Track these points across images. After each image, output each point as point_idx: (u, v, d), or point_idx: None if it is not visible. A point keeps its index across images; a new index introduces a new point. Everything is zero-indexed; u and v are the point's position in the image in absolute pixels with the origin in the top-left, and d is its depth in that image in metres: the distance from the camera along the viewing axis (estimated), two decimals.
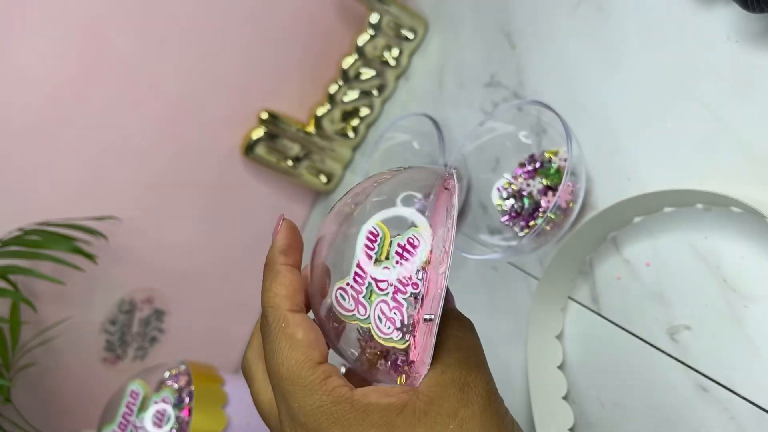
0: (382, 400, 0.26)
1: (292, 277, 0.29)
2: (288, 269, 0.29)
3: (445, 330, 0.28)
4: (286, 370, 0.26)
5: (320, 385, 0.26)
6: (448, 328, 0.28)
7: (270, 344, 0.27)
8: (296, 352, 0.26)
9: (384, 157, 0.66)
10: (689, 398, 0.38)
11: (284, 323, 0.27)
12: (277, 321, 0.28)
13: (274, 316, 0.28)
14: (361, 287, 0.28)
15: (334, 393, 0.26)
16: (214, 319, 0.81)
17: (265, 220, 0.81)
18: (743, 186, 0.38)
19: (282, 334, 0.27)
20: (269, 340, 0.27)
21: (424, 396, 0.26)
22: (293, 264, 0.30)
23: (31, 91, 0.62)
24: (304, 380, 0.26)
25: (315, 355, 0.27)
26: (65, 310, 0.68)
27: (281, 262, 0.30)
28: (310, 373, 0.26)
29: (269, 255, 0.30)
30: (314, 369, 0.26)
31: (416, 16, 0.73)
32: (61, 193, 0.66)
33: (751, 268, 0.37)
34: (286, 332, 0.27)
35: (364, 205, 0.30)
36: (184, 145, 0.72)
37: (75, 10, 0.62)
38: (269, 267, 0.30)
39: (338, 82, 0.74)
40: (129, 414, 0.56)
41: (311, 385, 0.26)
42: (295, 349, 0.27)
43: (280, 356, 0.27)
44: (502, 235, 0.52)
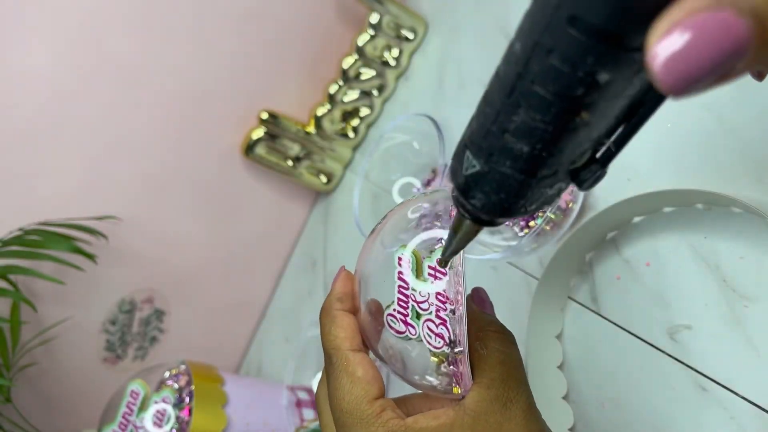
0: (431, 423, 0.28)
1: (348, 320, 0.32)
2: (344, 314, 0.32)
3: (490, 344, 0.30)
4: (347, 404, 0.29)
5: (376, 418, 0.28)
6: (493, 341, 0.30)
7: (333, 381, 0.30)
8: (356, 388, 0.29)
9: (384, 157, 0.66)
10: (689, 398, 0.38)
11: (346, 362, 0.30)
12: (340, 360, 0.30)
13: (337, 357, 0.30)
14: (406, 310, 0.31)
15: (388, 425, 0.28)
16: (214, 319, 0.81)
17: (265, 220, 0.81)
18: (743, 186, 0.38)
19: (344, 372, 0.30)
20: (333, 377, 0.30)
21: (471, 411, 0.28)
22: (349, 309, 0.32)
23: (31, 91, 0.62)
24: (362, 413, 0.29)
25: (373, 390, 0.29)
26: (65, 310, 0.68)
27: (337, 308, 0.32)
28: (368, 407, 0.29)
29: (327, 302, 0.33)
30: (372, 403, 0.29)
31: (416, 16, 0.73)
32: (61, 193, 0.66)
33: (750, 268, 0.37)
34: (348, 370, 0.30)
35: (394, 234, 0.32)
36: (184, 145, 0.72)
37: (75, 10, 0.62)
38: (327, 312, 0.32)
39: (338, 82, 0.74)
40: (129, 414, 0.56)
41: (368, 418, 0.28)
42: (355, 385, 0.29)
43: (342, 391, 0.29)
44: (502, 235, 0.52)
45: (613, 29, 0.16)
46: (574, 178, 0.22)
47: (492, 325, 0.32)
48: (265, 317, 0.84)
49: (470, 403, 0.28)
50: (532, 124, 0.19)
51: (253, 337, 0.85)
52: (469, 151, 0.22)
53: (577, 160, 0.21)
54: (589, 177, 0.22)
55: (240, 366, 0.85)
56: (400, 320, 0.31)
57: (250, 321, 0.84)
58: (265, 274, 0.83)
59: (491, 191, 0.22)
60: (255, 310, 0.84)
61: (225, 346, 0.83)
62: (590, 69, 0.17)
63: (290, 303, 0.81)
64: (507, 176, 0.21)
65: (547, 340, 0.46)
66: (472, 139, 0.22)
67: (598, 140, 0.21)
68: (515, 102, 0.19)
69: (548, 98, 0.18)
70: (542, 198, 0.22)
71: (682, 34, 0.15)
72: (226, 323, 0.82)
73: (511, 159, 0.20)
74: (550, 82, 0.18)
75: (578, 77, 0.17)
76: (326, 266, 0.77)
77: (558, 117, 0.19)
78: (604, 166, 0.22)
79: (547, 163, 0.20)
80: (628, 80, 0.18)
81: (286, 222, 0.83)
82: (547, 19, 0.17)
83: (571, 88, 0.18)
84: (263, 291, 0.84)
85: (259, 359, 0.82)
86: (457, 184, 0.23)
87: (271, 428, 0.61)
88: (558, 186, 0.22)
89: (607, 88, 0.17)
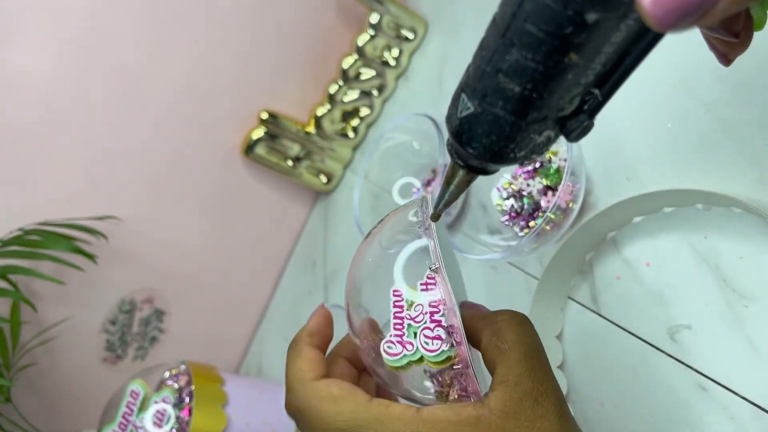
0: (452, 417, 0.26)
1: (314, 354, 0.31)
2: (311, 348, 0.31)
3: (508, 335, 0.28)
4: (344, 423, 0.27)
5: (386, 416, 0.26)
6: (510, 332, 0.28)
7: (310, 415, 0.28)
8: (343, 404, 0.27)
9: (384, 157, 0.66)
10: (689, 398, 0.38)
11: (314, 390, 0.28)
12: (307, 391, 0.29)
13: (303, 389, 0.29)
14: (401, 330, 0.30)
15: (402, 416, 0.26)
16: (214, 319, 0.81)
17: (265, 220, 0.81)
18: (743, 186, 0.38)
19: (318, 400, 0.28)
20: (306, 412, 0.28)
21: (498, 411, 0.26)
22: (317, 346, 0.31)
23: (32, 91, 0.62)
24: (368, 418, 0.27)
25: (360, 397, 0.28)
26: (65, 310, 0.68)
27: (306, 342, 0.31)
28: (371, 410, 0.27)
29: (297, 335, 0.32)
30: (370, 406, 0.27)
31: (416, 16, 0.73)
32: (61, 193, 0.66)
33: (750, 268, 0.37)
34: (322, 396, 0.28)
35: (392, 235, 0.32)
36: (184, 145, 0.72)
37: (75, 10, 0.62)
38: (294, 345, 0.31)
39: (338, 82, 0.74)
40: (129, 414, 0.56)
41: (378, 418, 0.26)
42: (340, 403, 0.27)
43: (330, 417, 0.27)
44: (502, 235, 0.52)
45: None
46: (563, 127, 0.23)
47: (502, 314, 0.30)
48: (265, 317, 0.84)
49: (497, 403, 0.26)
50: (523, 63, 0.20)
51: (253, 337, 0.85)
52: (465, 93, 0.23)
53: (565, 107, 0.22)
54: (577, 127, 0.23)
55: (240, 366, 0.85)
56: (397, 343, 0.30)
57: (250, 321, 0.84)
58: (265, 274, 0.83)
59: (483, 134, 0.23)
60: (255, 310, 0.84)
61: (225, 346, 0.83)
62: (579, 8, 0.18)
63: (290, 303, 0.81)
64: (498, 117, 0.22)
65: (547, 340, 0.46)
66: (467, 83, 0.23)
67: (586, 88, 0.22)
68: (509, 41, 0.20)
69: (539, 36, 0.19)
70: (531, 144, 0.23)
71: None
72: (226, 323, 0.82)
73: (503, 100, 0.22)
74: (542, 20, 0.19)
75: (568, 15, 0.18)
76: (326, 266, 0.77)
77: (548, 56, 0.20)
78: (591, 117, 0.23)
79: (536, 105, 0.21)
80: (615, 23, 0.19)
81: (286, 222, 0.83)
82: None
83: (561, 26, 0.19)
84: (263, 291, 0.84)
85: (259, 359, 0.82)
86: (451, 129, 0.24)
87: (271, 428, 0.61)
88: (547, 134, 0.23)
89: (594, 28, 0.19)
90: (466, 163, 0.25)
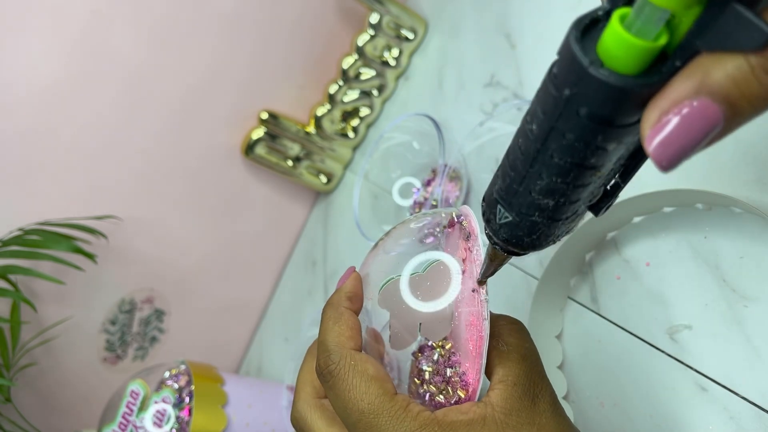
0: (462, 417, 0.27)
1: (353, 321, 0.31)
2: (351, 313, 0.31)
3: (508, 339, 0.30)
4: (367, 405, 0.27)
5: (405, 413, 0.27)
6: (510, 336, 0.30)
7: (342, 382, 0.28)
8: (373, 387, 0.28)
9: (384, 157, 0.66)
10: (689, 398, 0.38)
11: (353, 360, 0.29)
12: (345, 359, 0.29)
13: (342, 354, 0.29)
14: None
15: (419, 417, 0.27)
16: (214, 319, 0.81)
17: (265, 220, 0.81)
18: (743, 186, 0.38)
19: (353, 371, 0.28)
20: (340, 378, 0.28)
21: (501, 408, 0.27)
22: (356, 311, 0.32)
23: (32, 91, 0.62)
24: (389, 411, 0.27)
25: (389, 386, 0.28)
26: (65, 310, 0.68)
27: (346, 306, 0.31)
28: (393, 404, 0.27)
29: (335, 298, 0.32)
30: (394, 399, 0.28)
31: (416, 16, 0.73)
32: (61, 193, 0.66)
33: (750, 268, 0.37)
34: (358, 369, 0.28)
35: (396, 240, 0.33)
36: (184, 145, 0.72)
37: (75, 9, 0.62)
38: (333, 308, 0.31)
39: (338, 82, 0.74)
40: (129, 414, 0.56)
41: (397, 414, 0.27)
42: (371, 384, 0.28)
43: (357, 392, 0.28)
44: None
45: (617, 117, 0.20)
46: (591, 209, 0.26)
47: (502, 319, 0.31)
48: (265, 317, 0.84)
49: (499, 401, 0.28)
50: (554, 186, 0.23)
51: (253, 337, 0.85)
52: (500, 205, 0.26)
53: (593, 199, 0.25)
54: (603, 206, 0.26)
55: (240, 366, 0.85)
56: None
57: (250, 321, 0.84)
58: (265, 274, 0.83)
59: (524, 234, 0.26)
60: (255, 310, 0.84)
61: (225, 346, 0.83)
62: (599, 144, 0.21)
63: (290, 303, 0.81)
64: (536, 223, 0.25)
65: (547, 340, 0.46)
66: (501, 195, 0.25)
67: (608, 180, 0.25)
68: (538, 171, 0.23)
69: (566, 167, 0.22)
70: (567, 230, 0.26)
71: (669, 122, 0.18)
72: (226, 323, 0.82)
73: (539, 210, 0.24)
74: (568, 155, 0.21)
75: (590, 150, 0.21)
76: (326, 266, 0.77)
77: (576, 178, 0.22)
78: (613, 196, 0.25)
79: (569, 209, 0.24)
80: (630, 141, 0.21)
81: (286, 222, 0.83)
82: (560, 109, 0.20)
83: (586, 158, 0.21)
84: (263, 291, 0.84)
85: (259, 359, 0.82)
86: (492, 230, 0.27)
87: (271, 428, 0.61)
88: (579, 218, 0.26)
89: (614, 152, 0.21)
90: (508, 251, 0.28)
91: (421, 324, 0.30)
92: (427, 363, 0.31)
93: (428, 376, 0.31)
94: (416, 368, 0.31)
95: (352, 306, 0.31)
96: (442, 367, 0.30)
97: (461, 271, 0.31)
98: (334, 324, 0.30)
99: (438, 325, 0.30)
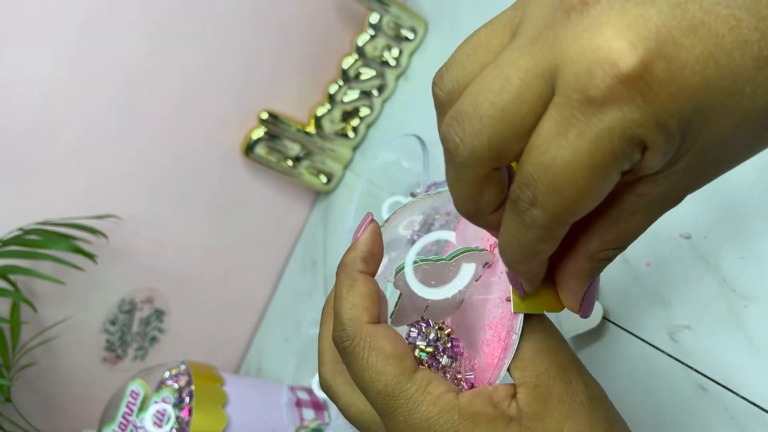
0: (489, 410, 0.24)
1: (370, 287, 0.27)
2: (366, 278, 0.27)
3: (533, 334, 0.26)
4: (383, 386, 0.25)
5: (424, 396, 0.24)
6: (534, 331, 0.26)
7: (357, 360, 0.26)
8: (389, 366, 0.25)
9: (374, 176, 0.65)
10: (689, 398, 0.38)
11: (369, 337, 0.26)
12: (360, 334, 0.26)
13: (356, 330, 0.26)
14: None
15: (439, 402, 0.24)
16: (214, 319, 0.81)
17: (265, 220, 0.81)
18: (743, 186, 0.38)
19: (368, 349, 0.26)
20: (354, 355, 0.26)
21: (528, 413, 0.24)
22: (371, 273, 0.28)
23: (31, 91, 0.62)
24: (406, 393, 0.25)
25: (409, 364, 0.25)
26: (65, 310, 0.68)
27: (361, 269, 0.28)
28: (411, 385, 0.25)
29: (348, 258, 0.28)
30: (413, 380, 0.25)
31: (416, 16, 0.73)
32: (61, 193, 0.66)
33: (750, 268, 0.37)
34: (373, 346, 0.26)
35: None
36: (184, 144, 0.72)
37: (74, 9, 0.62)
38: (346, 272, 0.28)
39: (338, 82, 0.74)
40: (129, 414, 0.56)
41: (414, 397, 0.24)
42: (387, 363, 0.25)
43: (373, 371, 0.25)
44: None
45: None
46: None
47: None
48: (265, 317, 0.84)
49: (524, 405, 0.25)
50: None
51: (253, 337, 0.85)
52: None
53: None
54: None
55: (240, 366, 0.85)
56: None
57: (250, 321, 0.84)
58: (265, 274, 0.83)
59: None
60: (255, 310, 0.84)
61: (225, 346, 0.83)
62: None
63: (290, 303, 0.81)
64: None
65: None
66: None
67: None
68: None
69: None
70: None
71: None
72: (226, 323, 0.82)
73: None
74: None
75: None
76: (326, 266, 0.77)
77: None
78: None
79: None
80: None
81: (286, 222, 0.83)
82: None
83: None
84: (263, 291, 0.84)
85: (259, 359, 0.82)
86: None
87: (271, 428, 0.61)
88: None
89: None
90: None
91: (428, 307, 0.28)
92: (421, 340, 0.28)
93: (418, 353, 0.28)
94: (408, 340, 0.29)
95: (368, 268, 0.28)
96: (438, 351, 0.28)
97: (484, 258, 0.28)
98: (347, 292, 0.27)
99: (443, 310, 0.28)
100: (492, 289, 0.28)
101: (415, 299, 0.28)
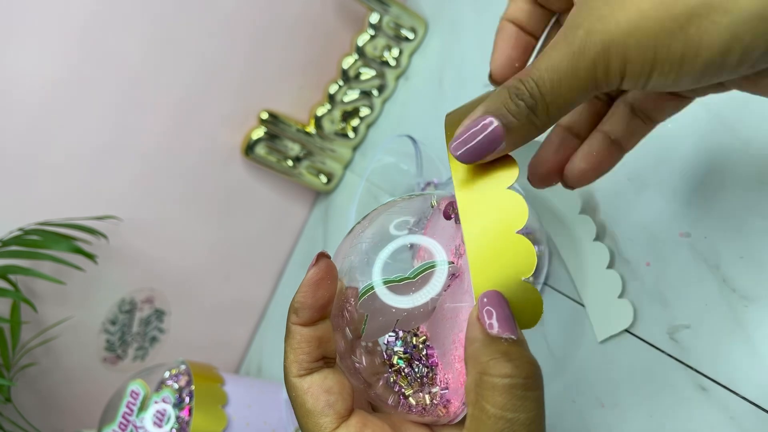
0: None
1: (299, 337, 0.27)
2: (297, 329, 0.27)
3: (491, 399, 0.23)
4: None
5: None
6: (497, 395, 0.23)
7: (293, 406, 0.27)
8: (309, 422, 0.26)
9: (372, 178, 0.65)
10: (689, 398, 0.38)
11: (294, 392, 0.27)
12: (289, 390, 0.27)
13: (288, 383, 0.27)
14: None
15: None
16: (214, 319, 0.81)
17: (265, 220, 0.81)
18: (743, 186, 0.38)
19: (295, 404, 0.27)
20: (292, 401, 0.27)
21: None
22: (305, 322, 0.28)
23: (31, 91, 0.62)
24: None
25: (327, 421, 0.26)
26: (65, 310, 0.68)
27: (293, 321, 0.28)
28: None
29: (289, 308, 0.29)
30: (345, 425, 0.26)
31: (416, 16, 0.73)
32: (61, 193, 0.66)
33: (750, 268, 0.37)
34: (298, 402, 0.26)
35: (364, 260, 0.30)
36: (184, 145, 0.72)
37: (75, 9, 0.62)
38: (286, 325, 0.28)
39: (338, 82, 0.74)
40: (129, 414, 0.56)
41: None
42: (309, 419, 0.26)
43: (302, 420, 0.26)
44: None
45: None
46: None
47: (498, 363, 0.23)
48: (265, 317, 0.84)
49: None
50: None
51: (253, 337, 0.85)
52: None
53: None
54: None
55: (240, 366, 0.85)
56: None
57: (250, 321, 0.84)
58: (265, 274, 0.83)
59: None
60: (255, 310, 0.84)
61: (225, 346, 0.83)
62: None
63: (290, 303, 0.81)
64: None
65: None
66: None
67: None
68: None
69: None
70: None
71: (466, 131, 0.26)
72: (226, 323, 0.82)
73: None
74: None
75: None
76: None
77: None
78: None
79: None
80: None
81: (286, 222, 0.83)
82: None
83: None
84: (263, 291, 0.84)
85: (259, 359, 0.82)
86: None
87: (271, 428, 0.61)
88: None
89: None
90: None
91: (399, 320, 0.27)
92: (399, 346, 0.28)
93: (396, 360, 0.28)
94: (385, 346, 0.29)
95: (300, 320, 0.27)
96: (413, 359, 0.28)
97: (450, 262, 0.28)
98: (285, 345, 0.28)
99: (414, 318, 0.28)
100: (464, 297, 0.27)
101: (386, 313, 0.27)
